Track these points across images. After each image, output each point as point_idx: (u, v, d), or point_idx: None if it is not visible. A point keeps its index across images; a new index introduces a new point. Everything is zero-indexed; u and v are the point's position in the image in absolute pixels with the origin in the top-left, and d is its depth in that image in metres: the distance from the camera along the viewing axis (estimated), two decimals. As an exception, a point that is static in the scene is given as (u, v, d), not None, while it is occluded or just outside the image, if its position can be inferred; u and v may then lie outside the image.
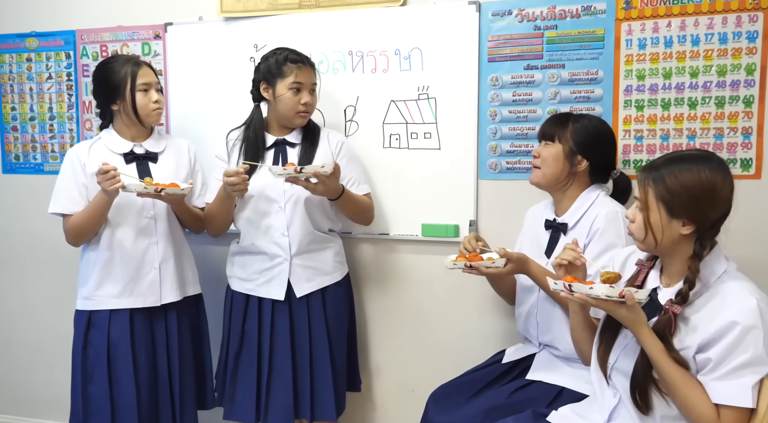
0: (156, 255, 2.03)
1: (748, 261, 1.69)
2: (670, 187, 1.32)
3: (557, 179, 1.80)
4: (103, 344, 1.99)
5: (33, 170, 2.70)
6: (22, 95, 2.67)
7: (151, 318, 2.05)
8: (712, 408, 1.26)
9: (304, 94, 2.02)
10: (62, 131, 2.64)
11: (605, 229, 1.70)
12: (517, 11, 2.08)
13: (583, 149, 1.78)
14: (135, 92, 1.98)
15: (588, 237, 1.73)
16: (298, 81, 2.00)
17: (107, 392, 1.99)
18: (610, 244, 1.69)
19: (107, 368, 1.99)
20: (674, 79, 1.97)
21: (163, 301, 2.04)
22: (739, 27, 1.90)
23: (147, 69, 2.04)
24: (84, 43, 2.57)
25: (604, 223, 1.70)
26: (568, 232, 1.79)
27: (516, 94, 2.11)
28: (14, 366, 2.84)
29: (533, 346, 1.88)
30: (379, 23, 2.20)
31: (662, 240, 1.34)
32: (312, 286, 2.05)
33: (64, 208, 1.98)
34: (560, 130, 1.80)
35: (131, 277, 2.00)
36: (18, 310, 2.80)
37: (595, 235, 1.72)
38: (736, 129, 1.94)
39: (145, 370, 2.02)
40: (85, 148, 2.03)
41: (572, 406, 1.56)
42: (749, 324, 1.25)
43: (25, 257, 2.76)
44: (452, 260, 1.70)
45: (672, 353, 1.30)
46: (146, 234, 2.02)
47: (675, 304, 1.32)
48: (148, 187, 1.83)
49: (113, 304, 2.00)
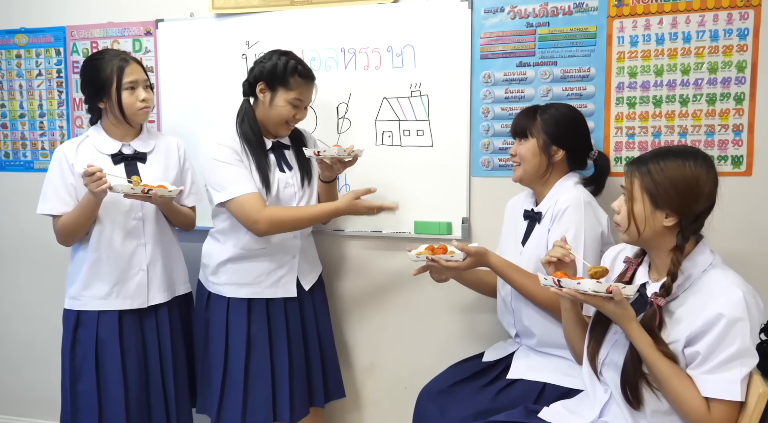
0: (144, 256, 2.01)
1: (739, 257, 1.71)
2: (655, 178, 1.35)
3: (537, 173, 1.82)
4: (91, 342, 1.98)
5: (23, 168, 2.68)
6: (11, 92, 2.65)
7: (141, 317, 2.04)
8: (702, 401, 1.27)
9: (300, 110, 1.99)
10: (52, 128, 2.62)
11: (565, 211, 1.72)
12: (510, 8, 2.07)
13: (557, 139, 1.80)
14: (121, 91, 1.94)
15: (551, 221, 1.76)
16: (300, 98, 1.96)
17: (95, 390, 1.98)
18: (567, 227, 1.70)
19: (95, 366, 1.97)
20: (666, 77, 1.97)
21: (151, 302, 2.03)
22: (730, 24, 1.90)
23: (135, 66, 1.98)
24: (74, 40, 2.55)
25: (564, 206, 1.73)
26: (542, 220, 1.80)
27: (508, 91, 2.11)
28: (7, 365, 2.82)
29: (511, 345, 1.91)
30: (372, 20, 2.19)
31: (645, 230, 1.37)
32: (313, 278, 2.15)
33: (53, 209, 1.96)
34: (530, 124, 1.82)
35: (118, 279, 1.98)
36: (11, 309, 2.78)
37: (556, 218, 1.75)
38: (727, 126, 1.94)
39: (134, 369, 2.01)
40: (73, 148, 1.99)
41: (564, 403, 1.56)
42: (735, 316, 1.26)
43: (16, 255, 2.74)
44: (417, 253, 1.75)
45: (661, 347, 1.31)
46: (134, 235, 2.00)
47: (659, 297, 1.33)
48: (135, 188, 1.80)
49: (100, 305, 1.98)
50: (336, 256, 2.36)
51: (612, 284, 1.30)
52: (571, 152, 1.82)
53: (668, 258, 1.37)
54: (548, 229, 1.76)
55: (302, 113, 2.01)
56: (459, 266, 1.72)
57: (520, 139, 1.83)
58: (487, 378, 1.83)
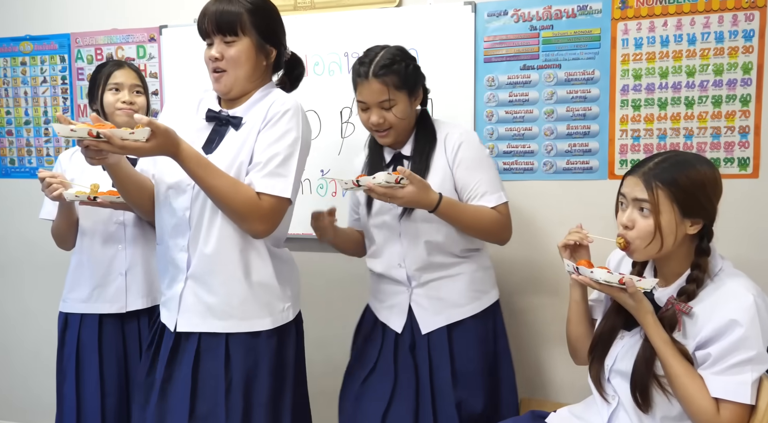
0: (123, 261, 1.98)
1: (746, 259, 1.69)
2: (683, 186, 1.31)
3: (248, 80, 1.56)
4: (73, 345, 2.00)
5: (28, 174, 2.69)
6: (17, 99, 2.66)
7: (123, 322, 2.01)
8: (711, 402, 1.26)
9: (371, 112, 1.70)
10: (57, 135, 2.63)
11: (282, 116, 1.51)
12: (513, 11, 2.07)
13: (269, 36, 1.56)
14: (104, 92, 1.98)
15: (262, 125, 1.52)
16: (360, 100, 1.72)
17: (74, 393, 1.98)
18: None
19: (75, 369, 1.98)
20: (671, 79, 1.97)
21: (129, 308, 1.99)
22: (736, 26, 1.89)
23: (127, 70, 2.01)
24: (78, 47, 2.56)
25: (280, 109, 1.51)
26: (241, 127, 1.54)
27: (512, 95, 2.10)
28: (12, 371, 2.82)
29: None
30: (375, 24, 2.19)
31: (671, 243, 1.33)
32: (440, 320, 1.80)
33: (48, 214, 2.02)
34: (238, 15, 1.50)
35: (98, 283, 1.98)
36: (15, 316, 2.78)
37: (269, 123, 1.51)
38: (733, 128, 1.93)
39: (113, 375, 1.98)
40: (68, 154, 2.05)
41: (571, 408, 1.55)
42: (748, 322, 1.24)
43: (21, 262, 2.75)
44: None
45: (676, 344, 1.30)
46: (114, 240, 1.98)
47: (681, 302, 1.32)
48: (80, 196, 1.77)
49: (81, 308, 2.00)
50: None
51: (626, 276, 1.29)
52: (279, 53, 1.60)
53: (678, 265, 1.36)
54: (259, 131, 1.51)
55: (376, 116, 1.70)
56: (140, 148, 1.33)
57: (225, 39, 1.52)
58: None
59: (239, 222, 1.50)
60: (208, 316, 1.53)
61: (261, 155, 1.49)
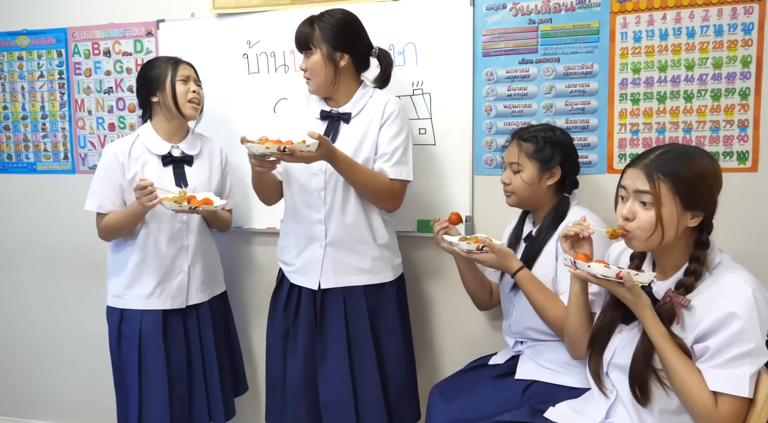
0: (186, 258, 2.08)
1: (746, 253, 1.69)
2: (686, 179, 1.31)
3: (328, 83, 1.87)
4: (135, 340, 2.04)
5: (26, 170, 2.68)
6: (13, 94, 2.65)
7: (184, 315, 2.10)
8: (709, 395, 1.26)
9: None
10: (55, 130, 2.62)
11: (397, 115, 1.87)
12: (512, 5, 2.06)
13: (339, 45, 1.84)
14: (175, 81, 2.02)
15: (381, 122, 1.87)
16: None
17: (137, 385, 2.03)
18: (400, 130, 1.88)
19: (138, 362, 2.03)
20: (670, 72, 1.96)
21: (190, 302, 2.10)
22: (735, 19, 1.89)
23: (187, 65, 2.09)
24: (75, 41, 2.55)
25: (395, 109, 1.88)
26: (351, 121, 1.89)
27: (511, 89, 2.10)
28: (12, 367, 2.82)
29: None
30: (373, 18, 2.18)
31: (672, 235, 1.33)
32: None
33: (100, 208, 2.03)
34: (310, 34, 1.84)
35: (161, 279, 2.05)
36: (15, 311, 2.78)
37: (387, 121, 1.87)
38: (732, 122, 1.93)
39: (178, 363, 2.07)
40: (125, 148, 2.04)
41: (569, 403, 1.55)
42: (747, 315, 1.24)
43: (20, 257, 2.74)
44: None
45: (674, 338, 1.30)
46: (178, 238, 2.07)
47: (679, 295, 1.31)
48: (182, 205, 1.85)
49: (142, 305, 2.05)
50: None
51: (623, 270, 1.29)
52: (356, 56, 1.88)
53: (677, 258, 1.36)
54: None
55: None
56: (309, 156, 1.68)
57: (305, 53, 1.87)
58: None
59: (377, 202, 1.89)
60: (348, 272, 1.90)
61: (386, 147, 1.87)
